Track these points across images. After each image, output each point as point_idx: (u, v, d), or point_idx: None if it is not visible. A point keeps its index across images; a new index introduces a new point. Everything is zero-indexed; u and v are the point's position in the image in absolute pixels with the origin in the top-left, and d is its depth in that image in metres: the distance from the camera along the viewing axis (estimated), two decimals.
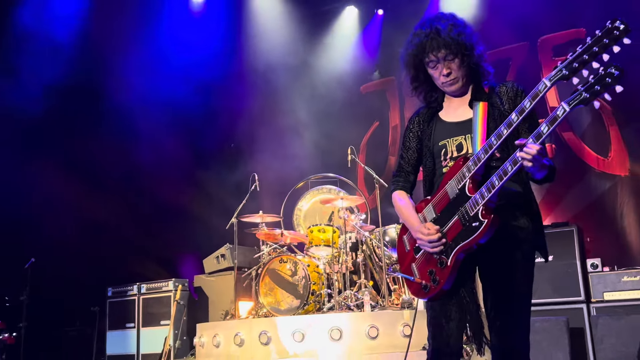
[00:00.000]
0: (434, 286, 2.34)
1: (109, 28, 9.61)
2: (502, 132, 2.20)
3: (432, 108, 2.56)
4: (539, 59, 8.22)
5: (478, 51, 2.35)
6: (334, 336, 5.85)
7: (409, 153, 2.61)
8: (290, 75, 9.74)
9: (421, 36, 2.35)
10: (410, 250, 2.51)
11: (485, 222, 2.18)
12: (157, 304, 8.16)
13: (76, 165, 9.65)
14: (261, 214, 7.09)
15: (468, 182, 2.27)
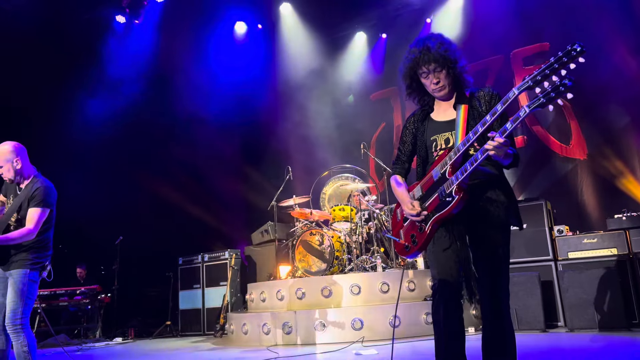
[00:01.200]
0: (413, 246, 2.41)
1: (173, 56, 9.69)
2: (477, 129, 2.23)
3: (425, 110, 2.55)
4: (512, 68, 8.06)
5: (460, 64, 2.36)
6: (354, 291, 5.85)
7: (405, 146, 2.62)
8: (313, 88, 9.72)
9: (415, 52, 2.36)
10: (400, 220, 2.56)
11: (457, 197, 2.24)
12: (217, 269, 8.22)
13: (153, 163, 9.78)
14: (294, 197, 7.09)
15: (448, 168, 2.30)
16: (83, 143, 8.92)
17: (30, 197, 3.45)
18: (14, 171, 3.53)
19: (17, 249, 3.40)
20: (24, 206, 3.46)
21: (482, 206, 2.34)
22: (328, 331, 5.51)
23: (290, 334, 5.68)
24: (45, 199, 3.47)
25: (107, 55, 9.35)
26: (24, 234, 3.35)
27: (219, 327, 7.35)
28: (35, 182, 3.55)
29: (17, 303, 3.29)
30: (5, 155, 3.52)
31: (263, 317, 5.97)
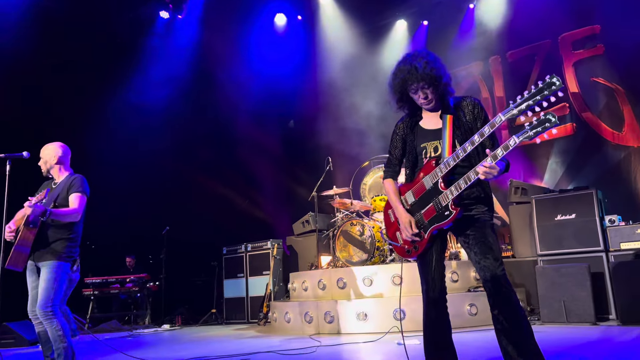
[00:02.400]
0: (414, 251, 2.61)
1: (214, 50, 9.84)
2: (466, 147, 2.44)
3: (413, 119, 2.73)
4: (560, 53, 7.75)
5: (445, 79, 2.55)
6: (396, 281, 5.82)
7: (396, 151, 2.80)
8: (353, 79, 9.65)
9: (404, 72, 2.55)
10: (395, 221, 2.73)
11: (454, 212, 2.46)
12: (259, 259, 8.36)
13: (197, 157, 10.02)
14: (335, 188, 7.10)
15: (440, 181, 2.52)
16: (130, 139, 9.21)
17: (69, 186, 3.71)
18: (49, 166, 3.83)
19: (56, 240, 3.59)
20: (62, 195, 3.69)
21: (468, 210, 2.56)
22: (370, 321, 5.52)
23: (332, 322, 5.72)
24: (83, 187, 3.75)
25: (151, 52, 9.59)
26: (71, 212, 3.57)
27: (263, 315, 7.48)
28: (72, 176, 3.82)
29: (49, 291, 3.49)
30: (52, 151, 3.85)
31: (305, 306, 6.03)
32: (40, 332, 3.58)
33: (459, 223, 2.55)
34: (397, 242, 2.73)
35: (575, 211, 5.64)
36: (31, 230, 3.50)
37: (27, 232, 3.48)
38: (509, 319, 2.44)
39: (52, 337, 3.50)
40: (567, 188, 6.49)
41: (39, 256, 3.58)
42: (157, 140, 9.61)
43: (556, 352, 3.72)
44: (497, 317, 2.47)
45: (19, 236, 3.50)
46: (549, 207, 5.82)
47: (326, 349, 4.59)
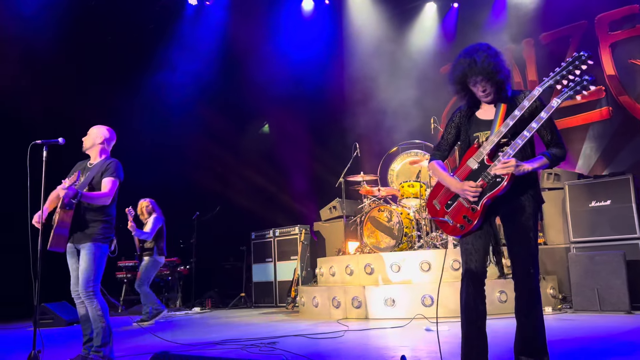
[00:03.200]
0: (467, 224, 2.57)
1: (242, 36, 9.86)
2: (508, 122, 2.53)
3: (472, 109, 2.77)
4: (597, 35, 7.46)
5: (502, 75, 2.57)
6: (424, 268, 5.79)
7: (449, 136, 2.83)
8: (382, 62, 9.53)
9: (464, 64, 2.60)
10: (441, 208, 2.70)
11: (506, 178, 2.47)
12: (287, 244, 8.42)
13: (227, 142, 10.11)
14: (362, 174, 7.06)
15: (485, 157, 2.54)
16: (161, 125, 9.36)
17: (103, 170, 3.78)
18: (91, 144, 3.91)
19: (92, 222, 3.70)
20: (97, 178, 3.77)
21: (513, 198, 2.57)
22: (398, 306, 5.51)
23: (359, 308, 5.73)
24: (117, 172, 3.81)
25: (180, 38, 9.68)
26: (102, 195, 3.65)
27: (291, 299, 7.55)
28: (107, 159, 3.89)
29: (90, 272, 3.60)
30: (100, 132, 3.96)
31: (333, 291, 6.05)
32: (81, 312, 3.70)
33: (503, 206, 2.58)
34: (447, 225, 2.67)
35: (611, 197, 5.47)
36: (67, 212, 3.59)
37: (63, 214, 3.58)
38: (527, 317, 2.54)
39: (92, 316, 3.63)
40: (602, 174, 6.30)
41: (78, 238, 3.68)
42: (188, 125, 9.73)
43: (590, 341, 3.64)
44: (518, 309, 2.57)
45: (57, 218, 3.60)
46: (582, 193, 5.67)
47: (354, 333, 4.61)
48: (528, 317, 2.52)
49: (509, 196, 2.55)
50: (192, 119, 9.90)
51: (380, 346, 3.95)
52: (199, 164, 10.10)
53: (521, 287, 2.54)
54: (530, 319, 2.52)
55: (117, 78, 9.05)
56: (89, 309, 3.62)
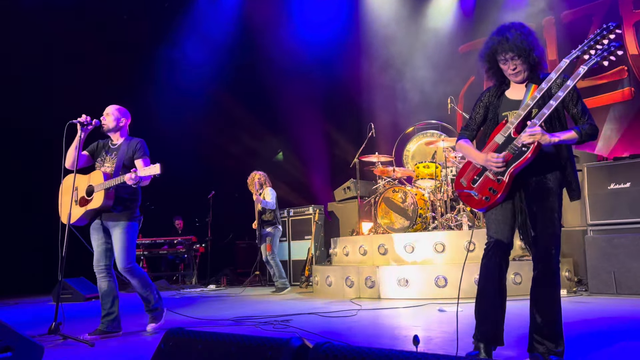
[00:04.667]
0: (493, 195, 2.53)
1: (258, 15, 9.77)
2: (535, 95, 2.48)
3: (501, 88, 2.72)
4: (620, 13, 7.22)
5: (536, 52, 2.52)
6: (438, 249, 5.75)
7: (477, 117, 2.78)
8: (399, 42, 9.38)
9: (495, 41, 2.56)
10: (468, 184, 2.66)
11: (532, 146, 2.42)
12: (301, 223, 8.43)
13: (242, 122, 10.10)
14: (377, 154, 7.00)
15: (512, 130, 2.50)
16: (175, 104, 9.37)
17: (134, 150, 3.90)
18: (115, 124, 3.96)
19: (127, 202, 3.84)
20: (128, 157, 3.88)
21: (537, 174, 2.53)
22: (411, 287, 5.50)
23: (372, 288, 5.73)
24: (147, 151, 3.95)
25: (196, 16, 9.62)
26: (145, 178, 3.71)
27: (304, 278, 7.59)
28: (133, 140, 3.97)
29: (127, 250, 3.76)
30: (117, 110, 4.02)
31: (346, 270, 6.06)
32: (102, 286, 3.78)
33: (529, 184, 2.53)
34: (472, 200, 2.63)
35: (631, 180, 5.34)
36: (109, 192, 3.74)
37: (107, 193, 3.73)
38: (545, 298, 2.48)
39: (137, 287, 3.84)
40: (622, 156, 6.15)
41: (111, 217, 3.80)
42: (200, 105, 9.73)
43: (605, 323, 3.60)
44: (535, 290, 2.52)
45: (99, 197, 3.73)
46: (601, 176, 5.54)
47: (367, 312, 4.61)
48: (547, 299, 2.46)
49: (536, 174, 2.51)
50: (206, 98, 9.90)
51: (393, 325, 3.95)
52: (214, 142, 10.13)
53: (541, 267, 2.48)
54: (549, 301, 2.46)
55: (134, 56, 9.06)
56: (133, 283, 3.82)
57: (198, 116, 9.81)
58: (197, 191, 9.55)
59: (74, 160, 3.80)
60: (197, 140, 9.91)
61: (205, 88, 9.84)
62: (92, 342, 3.40)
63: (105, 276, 3.77)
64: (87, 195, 3.84)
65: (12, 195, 8.62)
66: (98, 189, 3.77)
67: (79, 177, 3.88)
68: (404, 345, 3.10)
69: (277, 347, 1.33)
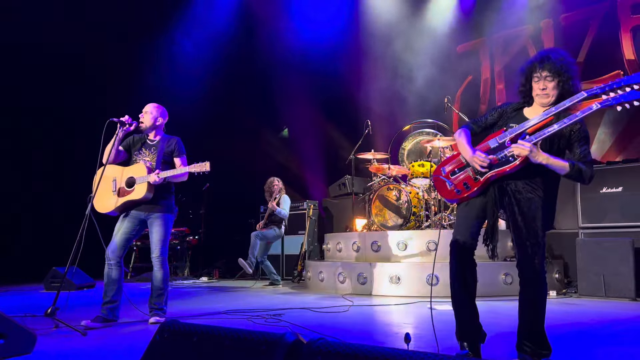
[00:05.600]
0: (465, 190, 2.63)
1: (258, 8, 9.75)
2: (542, 115, 2.50)
3: (523, 105, 2.72)
4: (618, 18, 7.26)
5: (573, 82, 2.51)
6: (431, 247, 5.79)
7: (489, 118, 2.78)
8: (396, 41, 9.38)
9: (537, 58, 2.59)
10: (447, 173, 2.75)
11: (519, 159, 2.45)
12: (296, 218, 8.44)
13: (238, 115, 10.08)
14: (373, 152, 7.02)
15: (507, 139, 2.54)
16: (175, 95, 9.35)
17: (172, 149, 4.10)
18: (152, 123, 4.09)
19: (165, 195, 4.02)
20: (167, 156, 4.07)
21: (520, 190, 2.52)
22: (403, 284, 5.53)
23: (365, 284, 5.77)
24: (184, 150, 4.15)
25: (197, 12, 9.60)
26: (183, 175, 3.98)
27: (297, 273, 7.62)
28: (170, 138, 4.15)
29: (164, 241, 3.97)
30: (156, 109, 4.15)
31: (339, 266, 6.09)
32: (111, 274, 3.83)
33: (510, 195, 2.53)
34: (447, 185, 2.72)
35: (623, 184, 5.40)
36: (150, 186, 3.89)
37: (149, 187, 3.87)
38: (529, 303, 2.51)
39: (159, 279, 3.94)
40: (615, 160, 6.21)
41: (150, 209, 3.94)
42: (198, 98, 9.71)
43: (595, 326, 3.64)
44: (521, 294, 2.55)
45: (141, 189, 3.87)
46: (594, 179, 5.58)
47: (359, 308, 4.64)
48: (530, 304, 2.50)
49: (521, 182, 2.52)
50: (203, 90, 9.87)
51: (384, 322, 3.99)
52: (209, 134, 10.10)
53: (524, 274, 2.51)
54: (532, 306, 2.49)
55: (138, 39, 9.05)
56: (159, 273, 3.94)
57: (194, 108, 9.78)
58: (191, 183, 9.54)
59: (112, 157, 3.96)
60: (192, 130, 9.88)
61: (202, 80, 9.81)
62: (85, 330, 3.41)
63: (116, 264, 3.85)
64: (128, 187, 3.95)
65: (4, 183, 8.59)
66: (140, 180, 3.89)
67: (115, 168, 4.04)
68: (395, 343, 3.13)
69: (272, 341, 1.35)
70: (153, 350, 1.57)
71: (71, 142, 9.02)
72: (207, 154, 9.81)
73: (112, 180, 4.01)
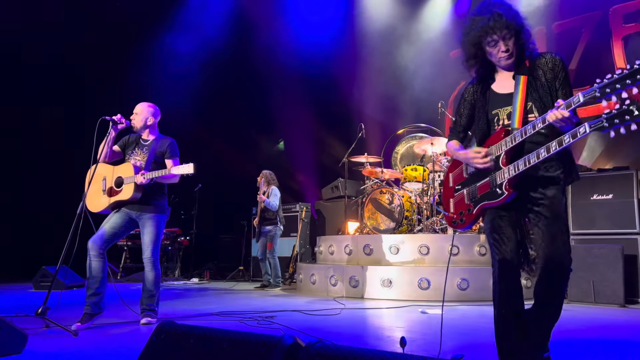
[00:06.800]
0: (460, 223, 2.43)
1: (252, 13, 9.76)
2: (537, 124, 2.12)
3: (485, 81, 2.42)
4: (610, 27, 7.36)
5: (526, 29, 2.24)
6: (422, 251, 5.82)
7: (462, 118, 2.52)
8: (392, 44, 9.43)
9: (484, 20, 2.22)
10: (452, 187, 2.51)
11: (506, 194, 2.20)
12: (288, 221, 8.42)
13: (231, 116, 10.07)
14: (366, 155, 7.05)
15: (503, 155, 2.23)
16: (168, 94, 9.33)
17: (164, 150, 4.06)
18: (143, 124, 4.07)
19: (158, 195, 3.99)
20: (159, 157, 4.03)
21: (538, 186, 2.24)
22: (394, 288, 5.55)
23: (356, 287, 5.78)
24: (177, 152, 4.11)
25: (191, 13, 9.57)
26: (173, 176, 3.94)
27: (288, 275, 7.62)
28: (164, 138, 4.12)
29: (157, 241, 3.95)
30: (146, 108, 4.11)
31: (331, 269, 6.10)
32: (94, 266, 3.78)
33: (527, 199, 2.26)
34: (447, 211, 2.52)
35: (613, 191, 5.47)
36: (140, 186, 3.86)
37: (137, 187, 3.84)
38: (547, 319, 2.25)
39: (151, 280, 3.91)
40: (606, 167, 6.28)
41: (142, 209, 3.92)
42: (190, 99, 9.69)
43: (584, 331, 3.68)
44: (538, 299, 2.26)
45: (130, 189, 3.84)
46: (584, 186, 5.66)
47: (351, 312, 4.65)
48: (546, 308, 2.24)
49: (540, 185, 2.23)
50: (195, 90, 9.84)
51: (376, 326, 4.00)
52: (201, 136, 10.09)
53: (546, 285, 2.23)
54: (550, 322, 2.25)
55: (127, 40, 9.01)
56: (151, 274, 3.91)
57: (187, 108, 9.76)
58: (183, 183, 9.51)
59: (105, 155, 3.95)
60: (186, 132, 9.86)
61: (195, 80, 9.79)
62: (76, 331, 3.38)
63: (99, 256, 3.80)
64: (117, 187, 3.93)
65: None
66: (128, 181, 3.87)
67: (105, 167, 4.01)
68: (388, 346, 3.14)
69: (270, 344, 1.35)
70: (149, 351, 1.56)
71: (62, 141, 8.96)
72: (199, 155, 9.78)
73: (102, 179, 4.00)
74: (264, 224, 7.26)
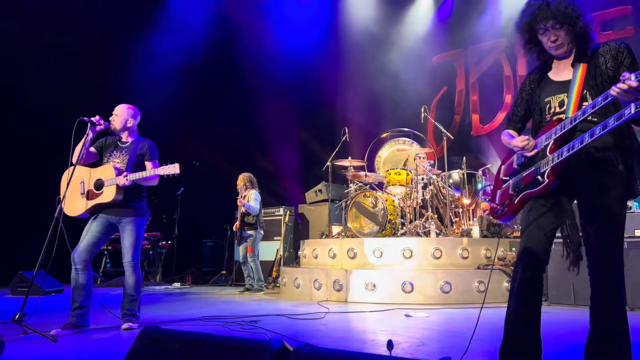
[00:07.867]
0: (502, 213, 2.38)
1: (234, 18, 9.74)
2: (587, 110, 2.03)
3: (543, 69, 2.36)
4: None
5: (584, 20, 2.14)
6: (406, 255, 5.84)
7: (519, 108, 2.47)
8: (374, 49, 9.50)
9: (534, 7, 2.19)
10: (501, 178, 2.46)
11: (547, 182, 2.13)
12: (271, 224, 8.41)
13: (214, 120, 10.01)
14: (350, 159, 7.06)
15: (551, 143, 2.16)
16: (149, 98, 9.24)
17: (144, 152, 4.00)
18: (122, 125, 4.02)
19: (136, 199, 3.92)
20: (138, 160, 3.98)
21: (594, 174, 2.12)
22: (378, 291, 5.56)
23: (340, 291, 5.77)
24: (156, 154, 4.07)
25: (174, 11, 9.50)
26: (153, 178, 3.89)
27: (272, 279, 7.57)
28: (143, 140, 4.07)
29: (138, 245, 3.90)
30: (126, 110, 4.06)
31: (315, 272, 6.08)
32: (78, 279, 3.73)
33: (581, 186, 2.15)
34: (493, 202, 2.47)
35: None
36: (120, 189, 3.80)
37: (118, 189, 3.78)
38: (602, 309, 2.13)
39: (131, 285, 3.84)
40: None
41: (120, 213, 3.84)
42: (172, 103, 9.61)
43: (565, 333, 3.73)
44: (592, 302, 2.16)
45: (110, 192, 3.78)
46: None
47: (335, 315, 4.64)
48: (604, 314, 2.11)
49: (594, 168, 2.12)
50: (177, 95, 9.76)
51: (360, 329, 3.99)
52: (184, 140, 10.00)
53: (598, 287, 2.15)
54: (606, 316, 2.11)
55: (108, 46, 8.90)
56: (131, 278, 3.85)
57: (169, 112, 9.67)
58: (165, 187, 9.41)
59: (81, 156, 3.86)
60: (168, 136, 9.78)
61: (177, 84, 9.70)
62: (55, 337, 3.31)
63: (83, 269, 3.74)
64: (96, 189, 3.84)
65: None
66: (109, 183, 3.79)
67: (82, 169, 3.92)
68: (372, 349, 3.13)
69: (258, 348, 1.34)
70: (133, 357, 1.53)
71: (39, 142, 8.79)
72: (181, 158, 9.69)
73: (79, 182, 3.90)
74: (245, 228, 7.19)
